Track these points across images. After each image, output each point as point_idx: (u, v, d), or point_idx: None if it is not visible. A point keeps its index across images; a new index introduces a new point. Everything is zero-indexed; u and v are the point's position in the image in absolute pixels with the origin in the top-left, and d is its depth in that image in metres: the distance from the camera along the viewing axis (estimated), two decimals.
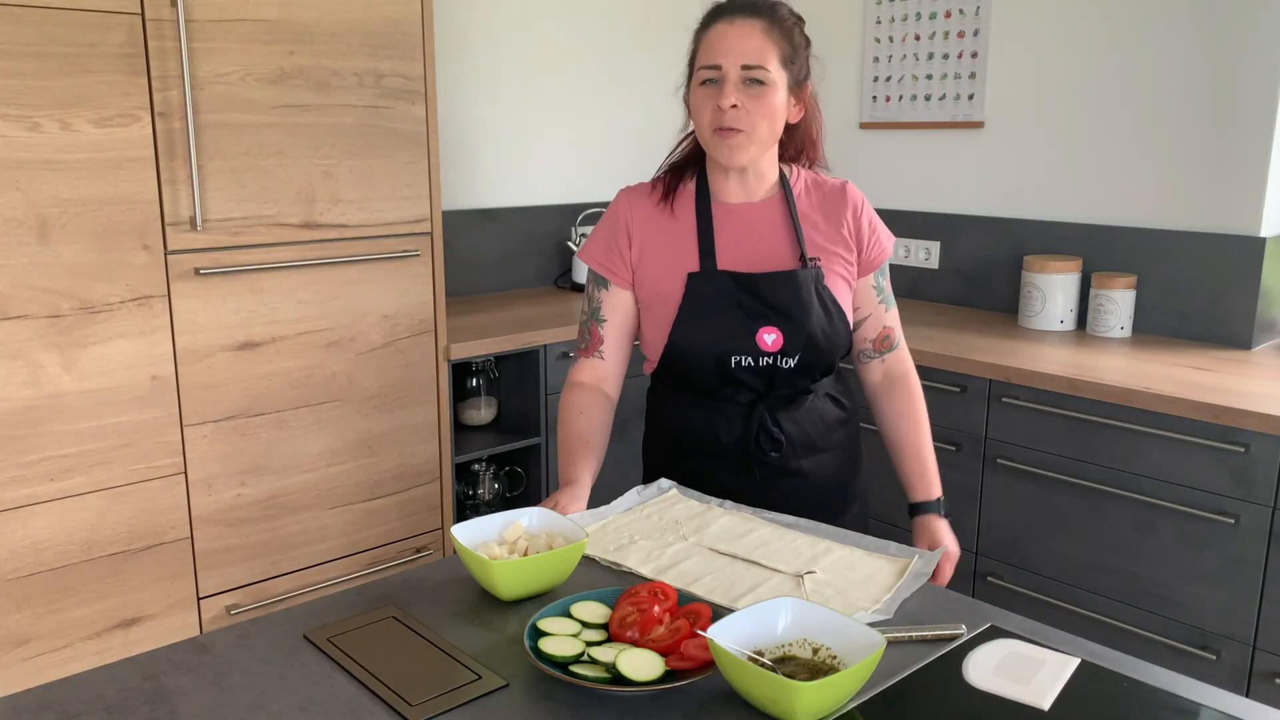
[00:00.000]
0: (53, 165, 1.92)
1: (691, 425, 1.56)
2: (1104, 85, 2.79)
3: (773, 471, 1.55)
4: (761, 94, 1.43)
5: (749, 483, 1.55)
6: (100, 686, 1.01)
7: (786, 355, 1.49)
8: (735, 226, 1.53)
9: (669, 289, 1.52)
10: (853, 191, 1.59)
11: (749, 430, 1.52)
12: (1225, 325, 2.62)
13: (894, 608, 1.15)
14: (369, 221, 2.36)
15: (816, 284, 1.50)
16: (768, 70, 1.42)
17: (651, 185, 1.59)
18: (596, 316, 1.58)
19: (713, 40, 1.44)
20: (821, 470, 1.58)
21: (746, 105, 1.43)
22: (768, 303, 1.48)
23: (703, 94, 1.45)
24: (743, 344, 1.48)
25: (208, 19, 2.05)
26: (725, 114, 1.42)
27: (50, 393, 1.98)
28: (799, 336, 1.48)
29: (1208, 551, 2.16)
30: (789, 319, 1.48)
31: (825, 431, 1.57)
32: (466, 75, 3.11)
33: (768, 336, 1.48)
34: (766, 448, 1.53)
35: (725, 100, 1.42)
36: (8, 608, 1.99)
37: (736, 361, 1.49)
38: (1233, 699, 0.99)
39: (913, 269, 3.29)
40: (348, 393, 2.40)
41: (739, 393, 1.52)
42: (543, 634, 1.04)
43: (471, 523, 1.25)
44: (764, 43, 1.42)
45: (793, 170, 1.59)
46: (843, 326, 1.53)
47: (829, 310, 1.51)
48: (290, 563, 2.37)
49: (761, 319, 1.48)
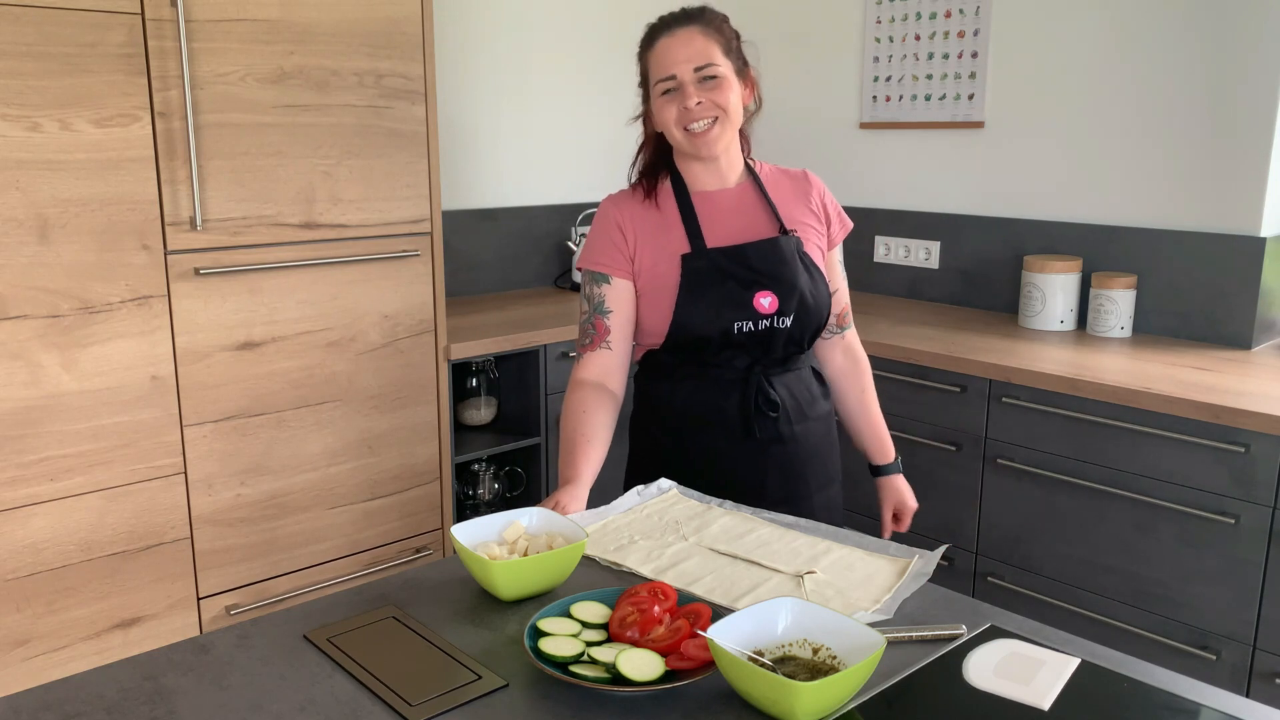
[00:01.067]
0: (53, 165, 1.92)
1: (689, 397, 1.64)
2: (1104, 85, 2.79)
3: (768, 435, 1.64)
4: (717, 85, 1.57)
5: (745, 448, 1.63)
6: (100, 686, 1.01)
7: (782, 315, 1.60)
8: (716, 210, 1.65)
9: (665, 274, 1.61)
10: (814, 177, 1.75)
11: (747, 392, 1.62)
12: (1225, 325, 2.62)
13: (894, 608, 1.15)
14: (369, 221, 2.36)
15: (798, 250, 1.64)
16: (716, 65, 1.57)
17: (632, 189, 1.69)
18: (600, 309, 1.63)
19: (661, 54, 1.58)
20: (809, 439, 1.68)
21: (709, 98, 1.57)
22: (758, 270, 1.60)
23: (665, 102, 1.59)
24: (742, 310, 1.59)
25: (208, 19, 2.05)
26: (692, 113, 1.56)
27: (50, 393, 1.98)
28: (791, 297, 1.60)
29: (1208, 551, 2.16)
30: (779, 281, 1.60)
31: (811, 400, 1.69)
32: (466, 75, 3.11)
33: (764, 300, 1.59)
34: (765, 409, 1.62)
35: (690, 101, 1.56)
36: (8, 608, 1.99)
37: (739, 327, 1.59)
38: (1233, 699, 0.99)
39: (913, 269, 3.29)
40: (348, 393, 2.40)
41: (737, 357, 1.62)
42: (543, 634, 1.04)
43: (471, 523, 1.25)
44: (705, 42, 1.57)
45: (755, 162, 1.73)
46: (824, 288, 1.66)
47: (812, 273, 1.64)
48: (290, 563, 2.37)
49: (755, 285, 1.59)
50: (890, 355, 2.66)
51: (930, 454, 2.62)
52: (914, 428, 2.65)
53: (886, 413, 1.89)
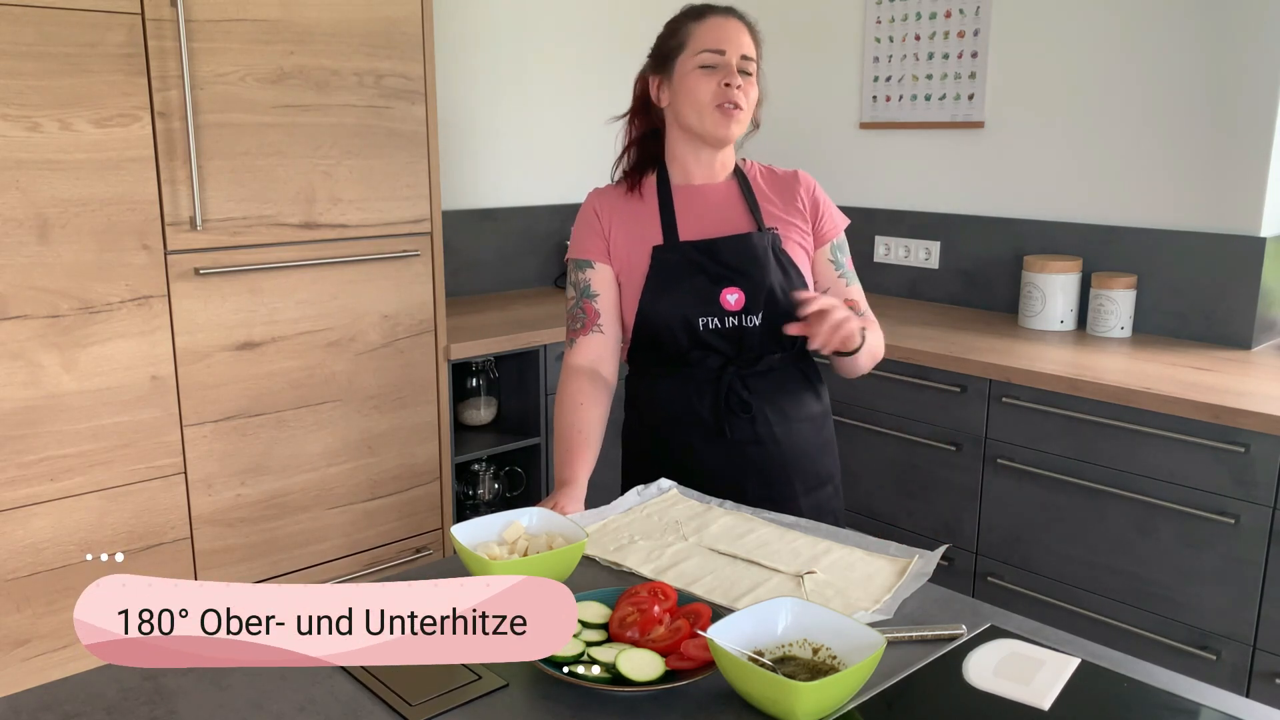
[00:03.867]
0: (53, 165, 1.92)
1: (665, 396, 1.64)
2: (1104, 85, 2.78)
3: (745, 435, 1.61)
4: (751, 82, 1.61)
5: (721, 447, 1.60)
6: (100, 686, 1.01)
7: (750, 313, 1.58)
8: (697, 204, 1.65)
9: (637, 265, 1.62)
10: (805, 175, 1.72)
11: (719, 392, 1.59)
12: (1225, 325, 2.62)
13: (894, 608, 1.15)
14: (369, 221, 2.36)
15: (774, 246, 1.61)
16: (755, 63, 1.61)
17: (617, 183, 1.72)
18: (588, 293, 1.64)
19: (715, 28, 1.59)
20: (793, 441, 1.64)
21: (744, 88, 1.59)
22: (728, 264, 1.58)
23: (703, 75, 1.58)
24: (707, 306, 1.57)
25: (208, 19, 2.05)
26: (733, 91, 1.56)
27: (50, 393, 1.98)
28: (759, 294, 1.57)
29: (1208, 551, 2.16)
30: (747, 277, 1.58)
31: (795, 401, 1.64)
32: (466, 75, 3.11)
33: (730, 296, 1.57)
34: (736, 409, 1.60)
35: (735, 79, 1.56)
36: (8, 608, 1.99)
37: (705, 324, 1.57)
38: (1233, 699, 0.99)
39: (913, 269, 3.29)
40: (348, 393, 2.40)
41: (709, 357, 1.60)
42: None
43: (471, 523, 1.25)
44: (750, 40, 1.61)
45: (746, 161, 1.74)
46: (801, 286, 1.62)
47: (786, 270, 1.61)
48: (290, 563, 2.37)
49: (723, 281, 1.58)
50: (890, 355, 2.66)
51: (930, 454, 2.62)
52: (914, 428, 2.65)
53: (887, 412, 1.88)
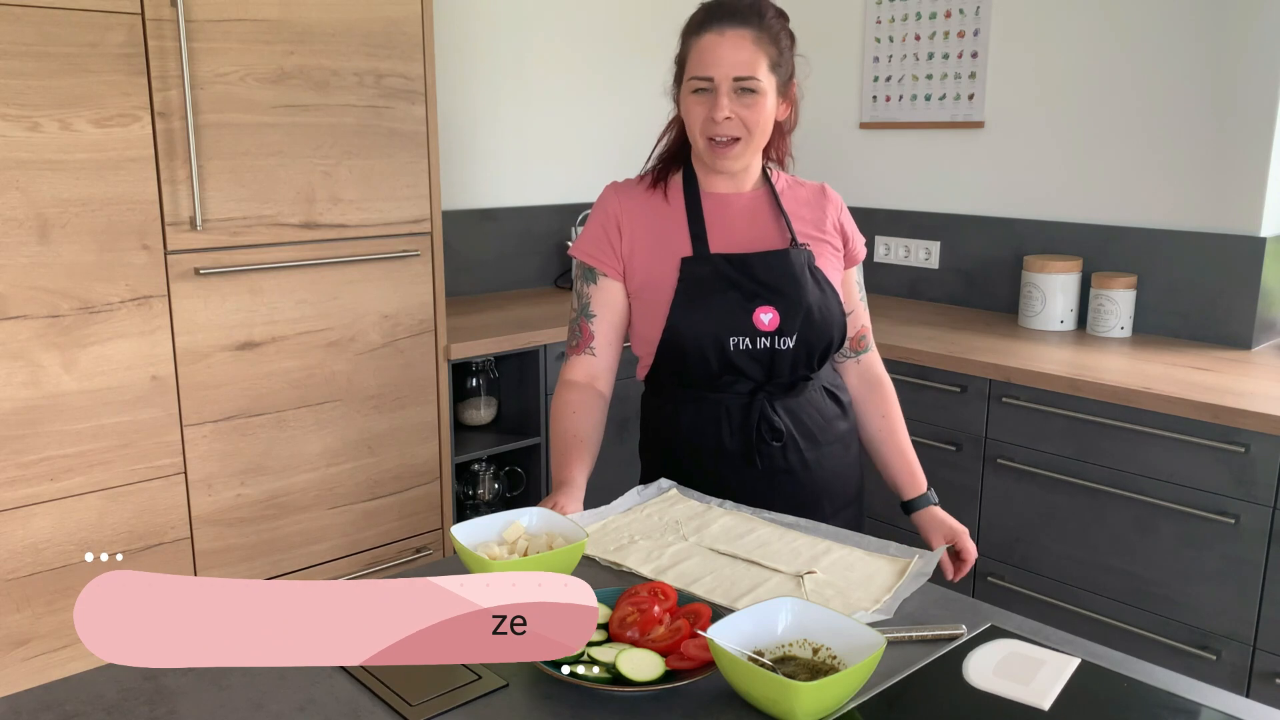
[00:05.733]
0: (53, 165, 1.91)
1: (690, 423, 1.55)
2: (1104, 85, 2.79)
3: (774, 464, 1.54)
4: (753, 102, 1.46)
5: (751, 476, 1.53)
6: (100, 686, 1.01)
7: (784, 334, 1.49)
8: (725, 213, 1.56)
9: (661, 275, 1.52)
10: (832, 192, 1.65)
11: (749, 419, 1.51)
12: (1225, 325, 2.62)
13: (894, 608, 1.15)
14: (369, 221, 2.36)
15: (809, 264, 1.54)
16: (758, 80, 1.45)
17: (639, 178, 1.61)
18: (586, 313, 1.59)
19: (704, 51, 1.45)
20: (823, 465, 1.57)
21: (739, 114, 1.46)
22: (762, 281, 1.50)
23: (694, 101, 1.48)
24: (740, 325, 1.48)
25: (208, 19, 2.05)
26: (719, 125, 1.46)
27: (50, 393, 1.98)
28: (795, 314, 1.49)
29: (1208, 551, 2.16)
30: (784, 296, 1.49)
31: (825, 424, 1.58)
32: (466, 75, 3.11)
33: (764, 315, 1.49)
34: (768, 437, 1.52)
35: (719, 113, 1.45)
36: (8, 608, 1.99)
37: (735, 344, 1.48)
38: (1233, 699, 0.99)
39: (913, 269, 3.29)
40: (348, 393, 2.40)
41: (739, 381, 1.52)
42: None
43: (471, 523, 1.25)
44: (754, 53, 1.44)
45: (772, 170, 1.63)
46: (837, 306, 1.55)
47: (823, 288, 1.53)
48: (290, 563, 2.37)
49: (757, 298, 1.49)
50: (890, 355, 2.66)
51: (930, 454, 2.62)
52: (914, 428, 2.63)
53: None
